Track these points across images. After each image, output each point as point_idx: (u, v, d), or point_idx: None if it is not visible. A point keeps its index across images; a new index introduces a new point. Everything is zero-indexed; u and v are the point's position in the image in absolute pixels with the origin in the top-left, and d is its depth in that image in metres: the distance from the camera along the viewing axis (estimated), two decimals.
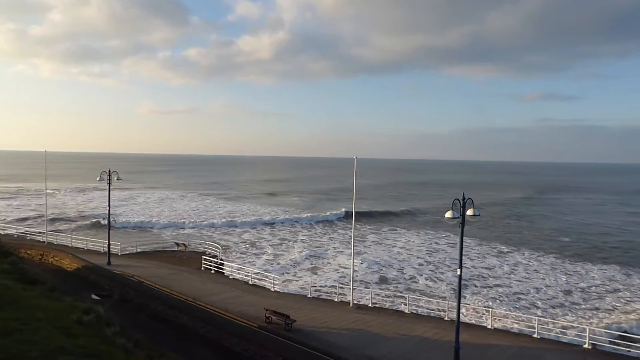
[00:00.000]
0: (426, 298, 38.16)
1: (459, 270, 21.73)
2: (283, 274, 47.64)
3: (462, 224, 21.22)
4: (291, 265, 52.16)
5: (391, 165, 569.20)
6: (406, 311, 32.79)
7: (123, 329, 16.68)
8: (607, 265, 55.59)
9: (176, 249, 52.96)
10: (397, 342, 26.38)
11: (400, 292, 41.15)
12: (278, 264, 52.70)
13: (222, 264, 43.86)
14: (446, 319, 30.88)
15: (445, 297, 40.28)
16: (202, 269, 43.03)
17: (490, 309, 32.17)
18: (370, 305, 33.96)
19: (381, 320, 30.01)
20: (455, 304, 23.01)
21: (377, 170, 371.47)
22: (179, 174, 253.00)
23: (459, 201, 21.19)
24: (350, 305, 33.34)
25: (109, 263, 41.77)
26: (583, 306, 40.32)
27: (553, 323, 31.46)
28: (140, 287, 35.19)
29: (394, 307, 35.34)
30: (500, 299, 41.69)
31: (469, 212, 21.14)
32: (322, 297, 37.46)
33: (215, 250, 50.61)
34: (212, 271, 42.34)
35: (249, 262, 52.47)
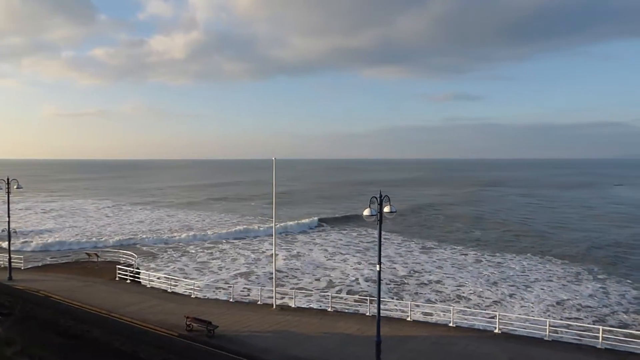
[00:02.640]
0: (349, 295, 38.89)
1: (377, 266, 22.28)
2: (217, 280, 46.38)
3: (380, 221, 21.75)
4: (226, 272, 50.82)
5: (317, 165, 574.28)
6: (329, 309, 33.13)
7: (25, 348, 15.34)
8: (523, 255, 59.25)
9: (87, 259, 49.87)
10: (321, 340, 26.57)
11: (324, 291, 41.51)
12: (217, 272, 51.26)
13: (138, 273, 41.89)
14: (368, 314, 31.57)
15: (369, 294, 41.10)
16: (117, 279, 40.86)
17: (409, 302, 33.29)
18: (293, 306, 33.94)
19: (305, 320, 30.11)
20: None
21: (307, 171, 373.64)
22: (96, 180, 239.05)
23: (376, 199, 21.72)
24: (274, 307, 33.14)
25: (10, 278, 38.47)
26: (499, 295, 42.55)
27: (468, 311, 33.18)
28: (47, 302, 32.72)
29: (318, 307, 35.58)
30: (429, 294, 42.99)
31: (386, 209, 21.71)
32: (245, 300, 36.91)
33: (130, 259, 48.23)
34: (128, 281, 40.32)
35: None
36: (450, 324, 29.47)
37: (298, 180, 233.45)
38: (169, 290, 37.69)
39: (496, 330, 28.17)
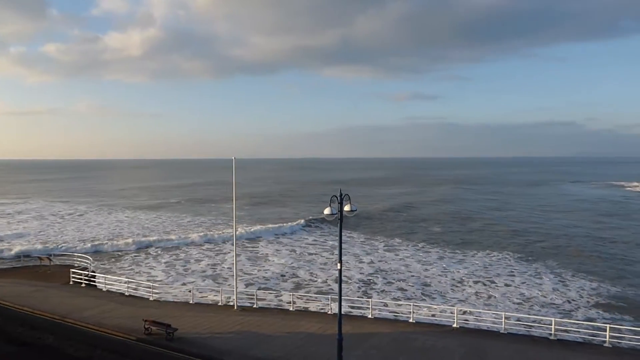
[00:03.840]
0: (311, 294, 38.92)
1: (338, 264, 22.39)
2: (180, 282, 45.41)
3: (340, 219, 21.86)
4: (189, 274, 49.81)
5: (281, 164, 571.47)
6: (291, 309, 33.08)
7: None
8: (484, 251, 60.70)
9: (39, 263, 47.96)
10: (282, 340, 26.51)
11: (287, 291, 41.35)
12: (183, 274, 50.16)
13: (94, 277, 40.59)
14: (330, 313, 31.72)
15: (332, 292, 41.21)
16: (71, 283, 39.47)
17: (370, 300, 33.63)
18: (255, 306, 33.71)
19: (266, 320, 29.96)
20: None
21: (274, 171, 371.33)
22: (50, 182, 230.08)
23: (337, 197, 21.82)
24: (235, 307, 32.82)
25: None
26: (463, 292, 43.31)
27: (427, 308, 33.80)
28: None
29: (280, 307, 35.43)
30: (395, 291, 43.27)
31: (347, 207, 21.84)
32: (206, 302, 36.38)
33: (85, 262, 46.69)
34: (83, 285, 39.03)
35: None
36: (411, 320, 29.98)
37: (268, 181, 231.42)
38: (126, 294, 36.71)
39: (454, 325, 28.85)
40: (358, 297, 39.63)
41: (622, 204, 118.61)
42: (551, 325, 27.52)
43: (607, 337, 26.09)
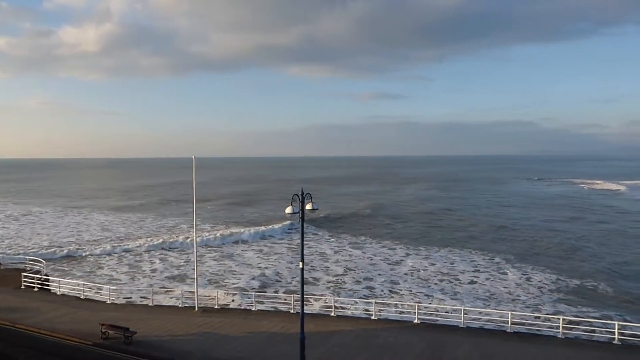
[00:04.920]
0: (274, 294, 38.73)
1: (300, 263, 22.30)
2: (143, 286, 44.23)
3: (302, 218, 21.79)
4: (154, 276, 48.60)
5: (250, 164, 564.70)
6: (253, 309, 32.79)
7: None
8: (447, 247, 61.93)
9: None
10: (244, 340, 26.22)
11: (248, 291, 41.00)
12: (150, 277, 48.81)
13: (47, 280, 39.10)
14: (292, 312, 31.59)
15: (295, 291, 41.06)
16: (23, 287, 37.88)
17: (333, 298, 33.71)
18: (217, 307, 33.25)
19: (228, 321, 29.57)
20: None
21: (245, 170, 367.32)
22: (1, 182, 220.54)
23: (298, 196, 21.73)
24: (196, 309, 32.27)
25: None
26: (430, 288, 43.93)
27: (390, 304, 34.18)
28: None
29: (242, 307, 35.09)
30: (363, 290, 43.34)
31: (308, 206, 21.79)
32: (166, 304, 35.63)
33: (38, 266, 44.91)
34: (35, 289, 37.53)
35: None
36: (373, 318, 30.20)
37: (237, 180, 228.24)
38: (82, 297, 35.54)
39: (415, 321, 29.24)
40: (323, 295, 39.67)
41: (577, 200, 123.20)
42: (508, 318, 28.28)
43: (561, 328, 26.99)
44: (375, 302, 31.51)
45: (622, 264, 52.66)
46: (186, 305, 33.79)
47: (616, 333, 25.96)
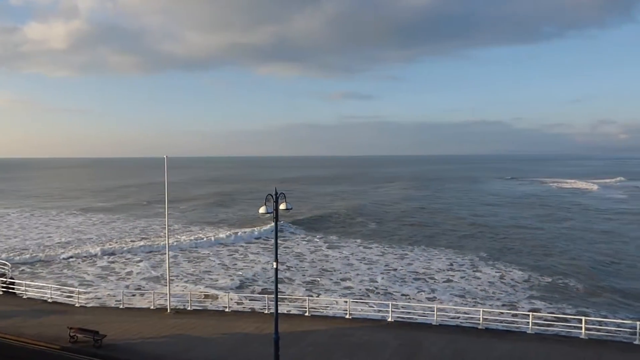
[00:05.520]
0: (248, 294, 38.44)
1: (275, 263, 22.16)
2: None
3: (276, 218, 21.65)
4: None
5: (222, 163, 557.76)
6: (227, 310, 32.46)
7: None
8: (419, 247, 62.35)
9: None
10: (218, 341, 25.94)
11: (222, 292, 40.57)
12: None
13: (12, 284, 37.91)
14: (267, 312, 31.41)
15: (269, 292, 40.81)
16: None
17: (308, 298, 33.63)
18: (189, 308, 32.80)
19: (201, 323, 29.22)
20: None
21: (226, 169, 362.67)
22: None
23: (272, 196, 21.59)
24: (168, 311, 31.76)
25: None
26: (408, 287, 43.97)
27: (364, 303, 34.29)
28: None
29: (216, 308, 34.67)
30: (341, 290, 43.11)
31: (282, 206, 21.67)
32: (137, 306, 34.94)
33: (3, 269, 43.52)
34: (0, 293, 36.38)
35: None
36: (347, 317, 30.26)
37: (213, 180, 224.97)
38: (49, 300, 34.60)
39: (390, 319, 29.42)
40: (298, 295, 39.49)
41: (546, 198, 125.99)
42: (480, 315, 28.73)
43: (530, 324, 27.56)
44: (350, 301, 31.59)
45: (591, 260, 54.08)
46: (158, 307, 33.25)
47: (583, 328, 26.65)
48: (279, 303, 23.26)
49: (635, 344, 25.45)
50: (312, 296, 38.70)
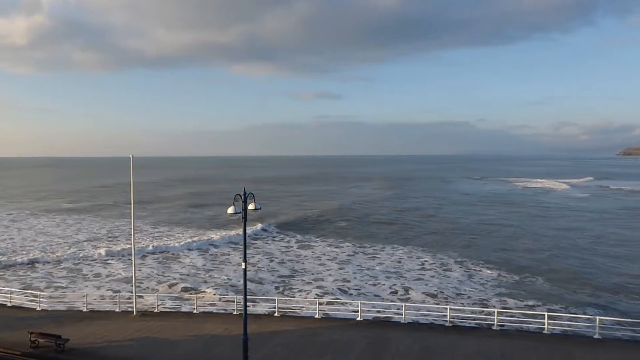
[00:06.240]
0: (217, 295, 38.07)
1: (243, 264, 22.01)
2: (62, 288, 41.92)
3: (245, 218, 21.50)
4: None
5: (194, 163, 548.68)
6: (195, 312, 32.06)
7: None
8: (390, 246, 62.66)
9: None
10: (185, 344, 25.60)
11: (191, 293, 40.05)
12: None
13: None
14: (235, 313, 31.17)
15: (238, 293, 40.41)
16: None
17: (277, 298, 33.53)
18: (157, 310, 32.25)
19: (169, 325, 28.78)
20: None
21: (200, 169, 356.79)
22: None
23: (241, 196, 21.43)
24: (134, 313, 31.16)
25: None
26: (380, 286, 44.13)
27: (332, 303, 34.37)
28: None
29: (183, 310, 34.21)
30: (314, 290, 42.87)
31: (251, 206, 21.55)
32: (102, 309, 34.14)
33: None
34: None
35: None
36: (317, 316, 30.30)
37: (184, 181, 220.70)
38: (9, 305, 33.47)
39: (358, 318, 29.60)
40: (267, 296, 39.27)
41: (512, 197, 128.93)
42: (447, 312, 29.21)
43: (495, 321, 28.19)
44: (319, 301, 31.65)
45: (554, 257, 55.71)
46: (124, 309, 32.58)
47: (546, 323, 27.44)
48: (248, 304, 23.14)
49: (595, 337, 26.35)
50: (281, 296, 38.55)
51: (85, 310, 32.69)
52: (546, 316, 27.85)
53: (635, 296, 40.68)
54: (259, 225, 75.15)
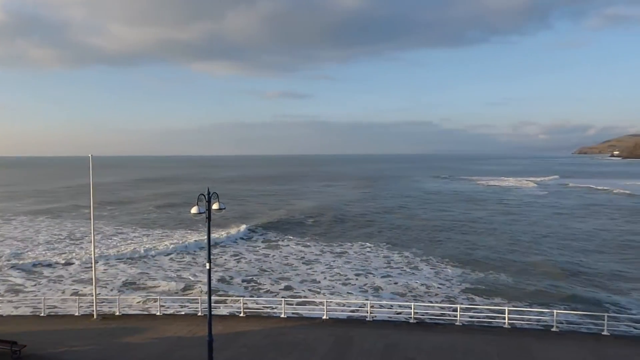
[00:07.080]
0: (180, 297, 37.52)
1: (207, 264, 21.77)
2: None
3: (209, 218, 21.27)
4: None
5: (155, 162, 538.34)
6: (158, 313, 31.49)
7: None
8: (358, 242, 63.41)
9: None
10: (148, 347, 25.14)
11: (153, 295, 39.31)
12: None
13: None
14: (200, 314, 30.80)
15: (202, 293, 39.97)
16: None
17: (242, 298, 33.30)
18: (118, 313, 31.51)
19: (131, 328, 28.18)
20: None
21: (165, 169, 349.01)
22: None
23: (204, 196, 21.19)
24: (95, 317, 30.36)
25: None
26: (351, 285, 44.24)
27: (299, 302, 34.37)
28: None
29: (146, 312, 33.56)
30: (283, 290, 42.81)
31: (215, 206, 21.33)
32: (61, 313, 33.10)
33: None
34: None
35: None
36: (282, 316, 30.26)
37: (146, 181, 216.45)
38: None
39: (324, 317, 29.72)
40: (232, 296, 38.96)
41: (475, 195, 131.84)
42: (411, 309, 29.67)
43: (458, 317, 28.81)
44: (285, 300, 31.61)
45: (518, 253, 57.46)
46: (84, 313, 31.69)
47: (506, 318, 28.25)
48: (213, 304, 22.89)
49: (552, 331, 27.28)
50: (246, 296, 38.25)
51: (42, 314, 31.64)
52: (507, 311, 28.67)
53: (591, 289, 42.30)
54: (231, 231, 74.26)
